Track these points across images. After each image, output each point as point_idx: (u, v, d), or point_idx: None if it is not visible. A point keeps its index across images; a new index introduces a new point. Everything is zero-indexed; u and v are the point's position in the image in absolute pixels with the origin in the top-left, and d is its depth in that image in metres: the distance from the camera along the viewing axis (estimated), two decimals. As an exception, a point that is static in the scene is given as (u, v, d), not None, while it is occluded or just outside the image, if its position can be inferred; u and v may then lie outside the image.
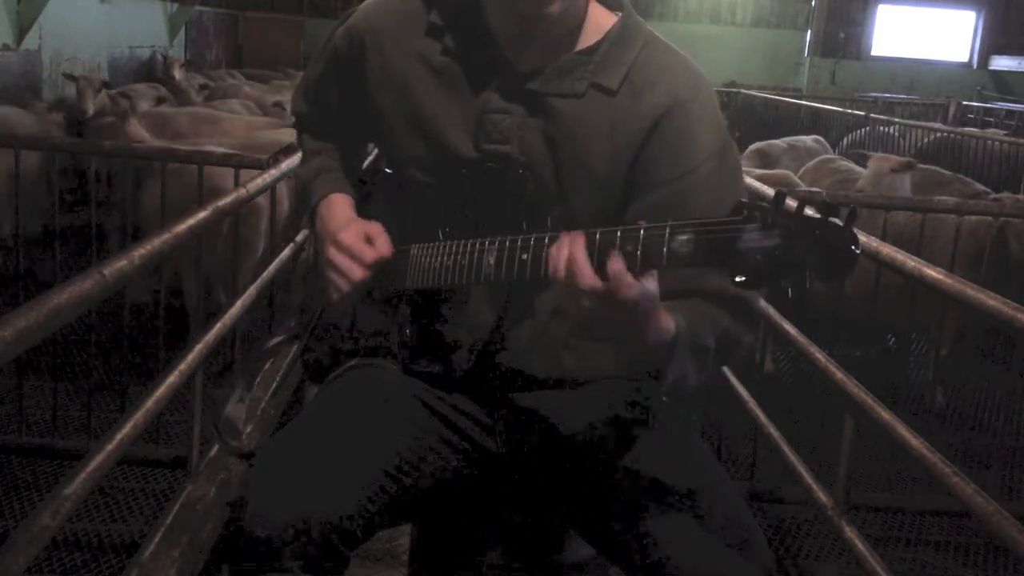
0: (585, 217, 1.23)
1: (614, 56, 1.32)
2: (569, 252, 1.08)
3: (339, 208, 1.47)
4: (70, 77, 6.66)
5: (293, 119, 1.64)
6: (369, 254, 1.36)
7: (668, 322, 1.15)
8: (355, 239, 1.37)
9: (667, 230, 1.00)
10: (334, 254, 1.38)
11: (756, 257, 0.94)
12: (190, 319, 3.85)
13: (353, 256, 1.36)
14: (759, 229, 0.94)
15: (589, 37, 1.33)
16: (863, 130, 8.17)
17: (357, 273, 1.36)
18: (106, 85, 6.49)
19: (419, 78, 1.37)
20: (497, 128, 1.33)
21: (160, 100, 6.63)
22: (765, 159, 6.58)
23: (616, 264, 1.04)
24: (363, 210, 1.49)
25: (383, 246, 1.37)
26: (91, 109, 6.03)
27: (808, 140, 7.29)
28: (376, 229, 1.39)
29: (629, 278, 1.04)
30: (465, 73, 1.35)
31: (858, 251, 0.93)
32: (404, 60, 1.38)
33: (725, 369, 3.05)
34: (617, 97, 1.30)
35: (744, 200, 0.97)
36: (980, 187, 5.21)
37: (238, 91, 8.62)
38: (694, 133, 1.29)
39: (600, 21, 1.34)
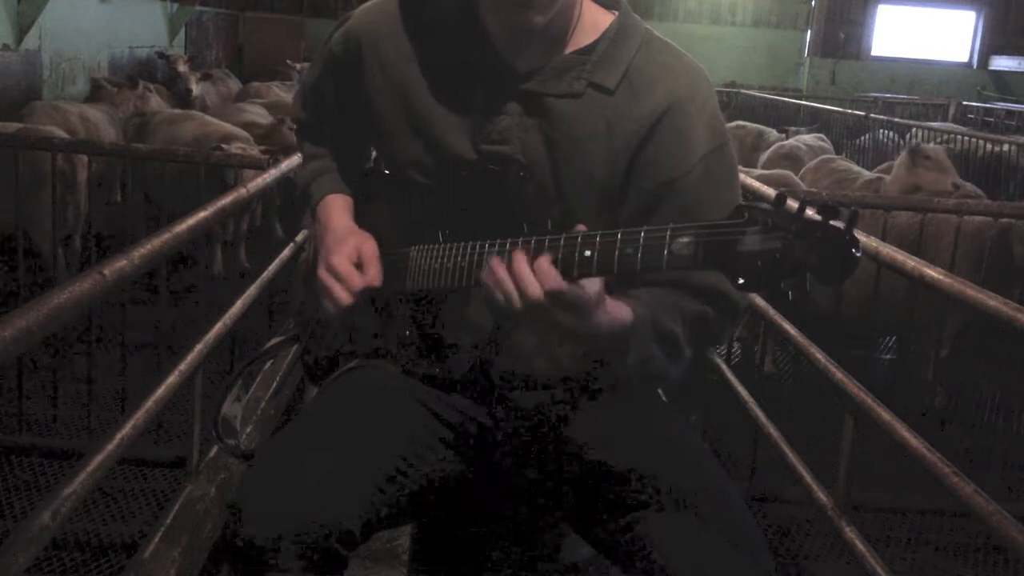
0: (585, 217, 1.22)
1: (612, 55, 1.31)
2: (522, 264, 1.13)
3: (336, 213, 1.47)
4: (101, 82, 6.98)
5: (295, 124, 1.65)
6: (358, 283, 1.37)
7: (622, 312, 1.18)
8: (346, 265, 1.38)
9: (668, 233, 1.01)
10: (325, 277, 1.39)
11: (756, 260, 0.94)
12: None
13: (343, 283, 1.37)
14: (760, 232, 0.94)
15: (586, 36, 1.33)
16: (866, 136, 8.14)
17: (346, 300, 1.37)
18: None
19: (417, 80, 1.37)
20: (496, 129, 1.32)
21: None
22: (796, 164, 6.19)
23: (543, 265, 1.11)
24: (363, 211, 1.49)
25: (373, 275, 1.38)
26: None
27: (810, 139, 7.26)
28: (369, 251, 1.39)
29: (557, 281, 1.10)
30: (463, 75, 1.34)
31: (858, 254, 0.93)
32: (402, 62, 1.38)
33: (725, 369, 3.05)
34: (615, 96, 1.30)
35: (742, 202, 0.98)
36: (974, 188, 5.20)
37: (268, 92, 8.58)
38: (691, 134, 1.29)
39: (596, 20, 1.34)
